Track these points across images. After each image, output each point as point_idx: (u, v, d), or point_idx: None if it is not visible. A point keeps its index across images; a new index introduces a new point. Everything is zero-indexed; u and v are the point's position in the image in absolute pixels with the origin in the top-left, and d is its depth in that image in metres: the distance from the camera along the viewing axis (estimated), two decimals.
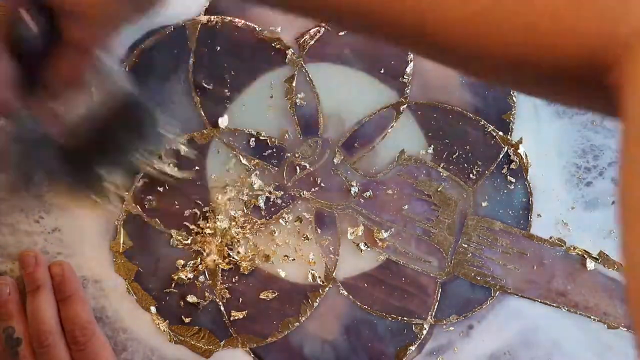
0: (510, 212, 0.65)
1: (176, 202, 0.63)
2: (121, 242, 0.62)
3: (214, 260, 0.63)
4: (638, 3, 0.36)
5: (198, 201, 0.63)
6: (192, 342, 0.62)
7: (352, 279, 0.64)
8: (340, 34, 0.65)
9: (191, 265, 0.63)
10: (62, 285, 0.59)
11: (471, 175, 0.65)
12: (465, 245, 0.64)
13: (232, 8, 0.65)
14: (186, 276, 0.62)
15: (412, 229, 0.64)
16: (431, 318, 0.64)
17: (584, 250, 0.65)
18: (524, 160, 0.65)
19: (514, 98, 0.65)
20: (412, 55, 0.65)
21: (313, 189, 0.64)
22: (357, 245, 0.64)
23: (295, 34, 0.65)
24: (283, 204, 0.64)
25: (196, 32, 0.65)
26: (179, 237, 0.63)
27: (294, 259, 0.63)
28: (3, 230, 0.62)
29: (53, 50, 0.48)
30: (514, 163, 0.65)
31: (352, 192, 0.64)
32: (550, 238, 0.65)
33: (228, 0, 0.65)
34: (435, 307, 0.64)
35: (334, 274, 0.64)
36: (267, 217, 0.64)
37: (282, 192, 0.63)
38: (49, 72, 0.49)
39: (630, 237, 0.33)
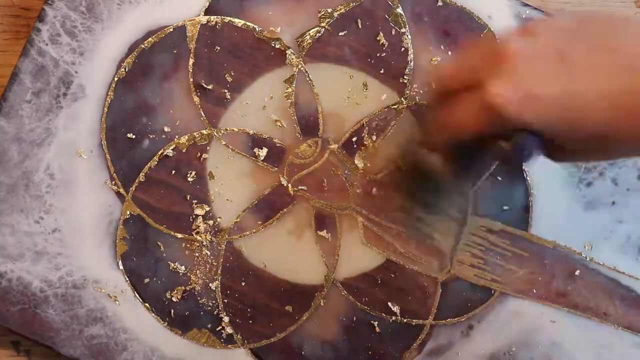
0: (510, 212, 0.65)
1: (176, 203, 0.63)
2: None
3: (212, 260, 0.63)
4: None
5: (197, 202, 0.63)
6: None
7: (352, 279, 0.64)
8: (340, 34, 0.65)
9: (190, 266, 0.63)
10: None
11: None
12: (466, 246, 0.64)
13: (232, 8, 0.65)
14: (186, 276, 0.63)
15: None
16: (431, 318, 0.64)
17: (584, 250, 0.65)
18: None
19: None
20: (412, 55, 0.65)
21: (313, 189, 0.64)
22: (357, 245, 0.64)
23: (295, 34, 0.65)
24: (283, 205, 0.64)
25: (196, 32, 0.64)
26: (179, 238, 0.63)
27: (294, 260, 0.63)
28: (3, 230, 0.62)
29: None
30: None
31: (352, 192, 0.64)
32: (551, 238, 0.65)
33: (228, 0, 0.65)
34: (435, 307, 0.64)
35: (334, 275, 0.64)
36: (267, 218, 0.64)
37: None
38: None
39: None
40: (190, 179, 0.64)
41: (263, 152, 0.64)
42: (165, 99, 0.64)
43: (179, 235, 0.63)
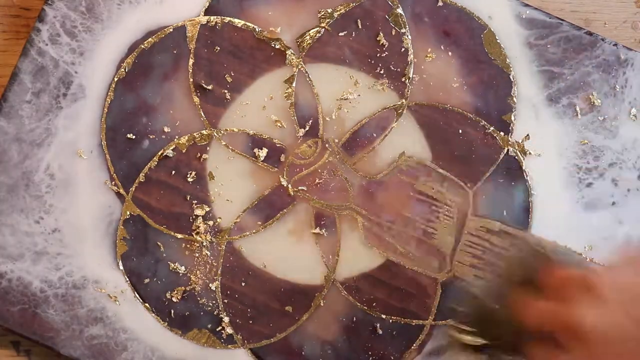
0: (510, 212, 0.65)
1: (176, 203, 0.63)
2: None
3: (212, 260, 0.63)
4: None
5: (197, 202, 0.63)
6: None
7: (352, 280, 0.64)
8: (340, 34, 0.65)
9: (190, 266, 0.63)
10: None
11: (471, 176, 0.65)
12: (466, 246, 0.64)
13: (232, 8, 0.65)
14: (186, 277, 0.63)
15: (412, 230, 0.64)
16: (431, 318, 0.64)
17: (584, 251, 0.65)
18: (524, 161, 0.65)
19: (514, 99, 0.65)
20: (412, 56, 0.65)
21: (313, 190, 0.64)
22: (357, 245, 0.64)
23: (295, 34, 0.65)
24: (283, 205, 0.64)
25: (196, 32, 0.64)
26: (179, 238, 0.63)
27: (294, 260, 0.63)
28: (3, 230, 0.62)
29: None
30: (514, 163, 0.65)
31: (352, 192, 0.64)
32: (551, 239, 0.65)
33: (228, 0, 0.65)
34: (435, 307, 0.64)
35: (334, 275, 0.64)
36: (267, 218, 0.64)
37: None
38: None
39: None
40: (190, 180, 0.64)
41: (263, 153, 0.64)
42: (165, 99, 0.64)
43: (179, 236, 0.63)
